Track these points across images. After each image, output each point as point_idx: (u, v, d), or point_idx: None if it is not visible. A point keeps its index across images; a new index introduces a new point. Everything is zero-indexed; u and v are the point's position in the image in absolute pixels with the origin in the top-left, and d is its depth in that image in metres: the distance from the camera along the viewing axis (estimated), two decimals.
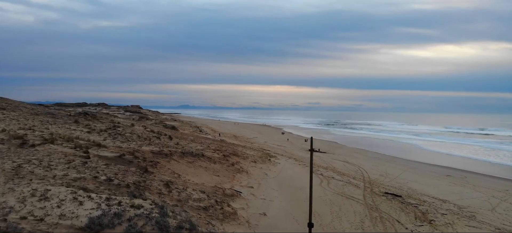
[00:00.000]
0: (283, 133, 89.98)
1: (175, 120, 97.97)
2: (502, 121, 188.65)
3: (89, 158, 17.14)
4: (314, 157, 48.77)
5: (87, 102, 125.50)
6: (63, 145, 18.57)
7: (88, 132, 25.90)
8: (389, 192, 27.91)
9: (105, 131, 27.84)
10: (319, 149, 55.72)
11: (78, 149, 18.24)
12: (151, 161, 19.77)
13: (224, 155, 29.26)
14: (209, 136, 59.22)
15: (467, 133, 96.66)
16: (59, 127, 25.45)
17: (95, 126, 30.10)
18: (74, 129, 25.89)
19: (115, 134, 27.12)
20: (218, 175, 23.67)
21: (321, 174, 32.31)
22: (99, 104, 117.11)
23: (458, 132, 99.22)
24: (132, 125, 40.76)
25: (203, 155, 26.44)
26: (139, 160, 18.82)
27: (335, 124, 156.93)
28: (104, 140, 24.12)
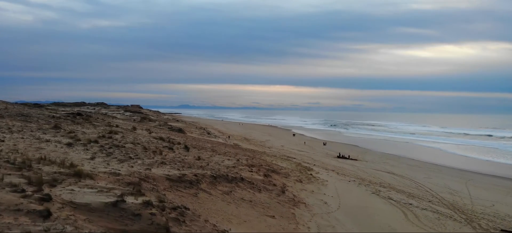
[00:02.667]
0: (294, 134, 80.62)
1: (178, 121, 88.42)
2: (503, 121, 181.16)
3: (49, 215, 7.71)
4: (350, 167, 38.45)
5: (86, 101, 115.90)
6: (4, 180, 9.07)
7: (69, 144, 16.29)
8: (505, 228, 18.89)
9: (96, 141, 18.25)
10: (349, 156, 46.40)
11: (31, 189, 8.76)
12: (174, 208, 10.27)
13: (265, 175, 19.86)
14: (220, 140, 49.79)
15: (483, 135, 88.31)
16: (24, 138, 15.86)
17: (83, 133, 20.53)
18: (48, 140, 16.27)
19: (110, 147, 17.56)
20: (273, 216, 14.26)
21: (390, 198, 22.99)
22: (98, 104, 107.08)
23: (475, 134, 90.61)
24: (134, 129, 31.23)
25: (242, 179, 16.98)
26: (153, 210, 9.33)
27: (339, 124, 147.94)
28: (92, 159, 14.58)
